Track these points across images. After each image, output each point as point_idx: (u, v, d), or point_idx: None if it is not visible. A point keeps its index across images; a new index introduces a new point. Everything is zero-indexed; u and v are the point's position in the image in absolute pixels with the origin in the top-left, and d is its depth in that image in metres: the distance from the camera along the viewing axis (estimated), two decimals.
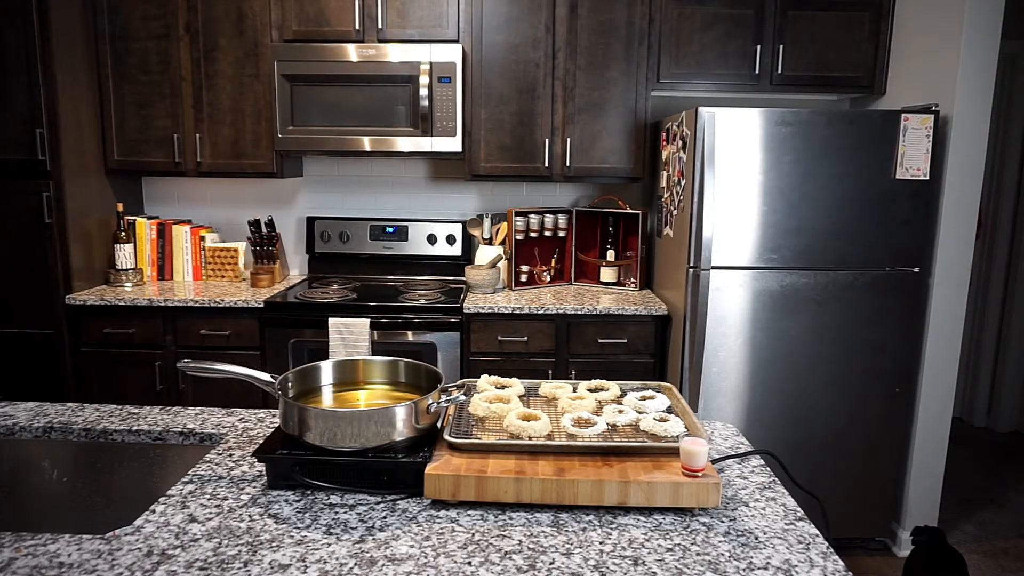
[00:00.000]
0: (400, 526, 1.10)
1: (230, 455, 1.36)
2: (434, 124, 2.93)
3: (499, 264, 3.13)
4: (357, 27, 2.98)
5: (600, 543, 1.06)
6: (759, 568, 1.01)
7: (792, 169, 2.60)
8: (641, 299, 3.03)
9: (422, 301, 2.89)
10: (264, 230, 3.24)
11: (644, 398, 1.40)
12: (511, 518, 1.13)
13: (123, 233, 3.10)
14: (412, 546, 1.04)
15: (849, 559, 2.76)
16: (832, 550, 1.06)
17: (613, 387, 1.45)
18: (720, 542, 1.07)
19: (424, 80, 2.88)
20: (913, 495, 2.86)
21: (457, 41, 2.99)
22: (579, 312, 2.86)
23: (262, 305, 2.87)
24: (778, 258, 2.66)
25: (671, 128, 2.90)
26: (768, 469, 1.35)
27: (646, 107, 3.06)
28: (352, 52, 2.92)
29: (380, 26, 2.98)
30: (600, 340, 2.88)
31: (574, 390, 1.46)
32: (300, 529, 1.09)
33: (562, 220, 3.26)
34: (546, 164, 3.09)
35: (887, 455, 2.80)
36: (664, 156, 3.01)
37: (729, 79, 3.04)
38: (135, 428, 1.49)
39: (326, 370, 1.42)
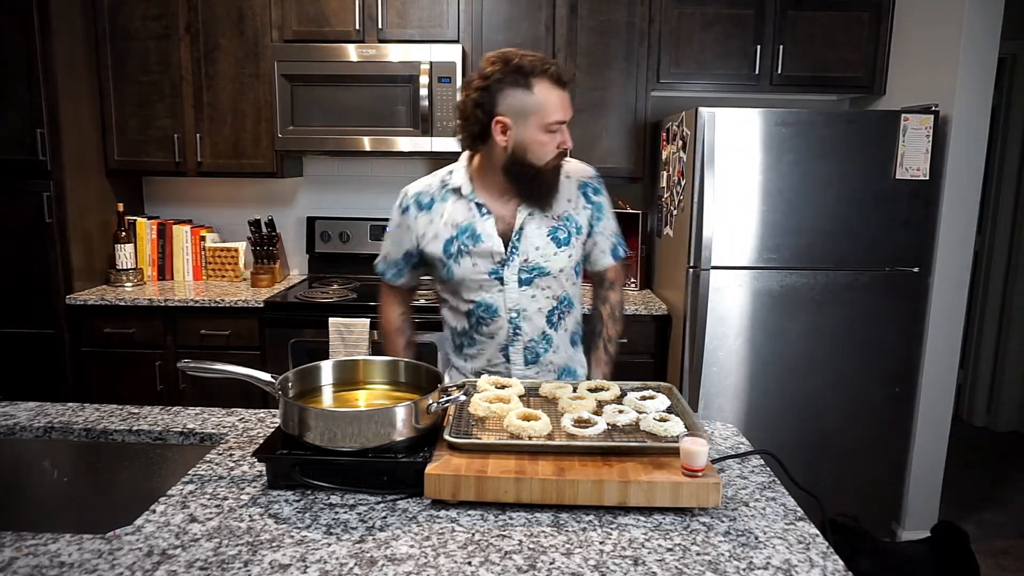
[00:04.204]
0: (400, 526, 1.10)
1: (230, 455, 1.36)
2: (434, 124, 2.93)
3: None
4: (357, 27, 2.98)
5: (600, 543, 1.06)
6: (759, 568, 1.01)
7: (792, 169, 2.60)
8: (641, 299, 3.03)
9: (422, 301, 2.89)
10: (264, 230, 3.24)
11: (644, 398, 1.40)
12: (511, 518, 1.13)
13: (123, 233, 3.10)
14: (412, 546, 1.05)
15: None
16: (832, 550, 1.06)
17: (613, 387, 1.45)
18: (720, 542, 1.07)
19: (424, 80, 2.88)
20: (913, 495, 2.86)
21: (457, 41, 2.99)
22: None
23: (262, 305, 2.87)
24: (778, 258, 2.66)
25: (671, 128, 2.90)
26: (768, 469, 1.35)
27: (646, 107, 3.06)
28: (352, 52, 2.92)
29: (380, 26, 2.98)
30: None
31: (574, 390, 1.45)
32: (300, 529, 1.09)
33: None
34: None
35: (887, 455, 2.81)
36: (664, 156, 3.01)
37: (729, 79, 3.04)
38: (135, 428, 1.49)
39: (326, 370, 1.42)
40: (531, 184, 1.56)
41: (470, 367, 1.73)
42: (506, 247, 1.60)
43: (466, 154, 1.65)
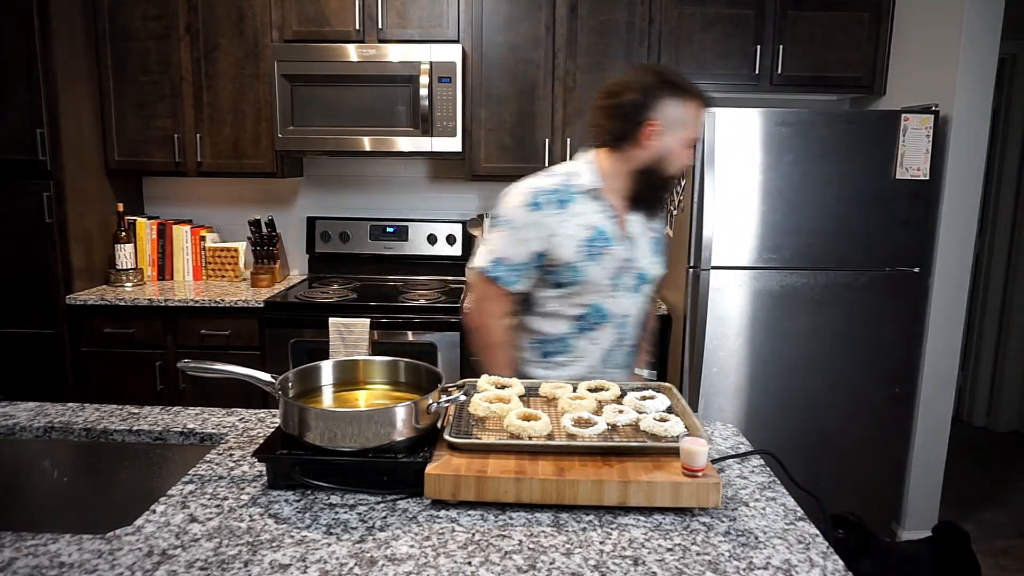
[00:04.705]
0: (400, 526, 1.10)
1: (230, 455, 1.36)
2: (434, 124, 2.93)
3: None
4: (357, 27, 2.98)
5: (600, 543, 1.06)
6: (759, 568, 1.01)
7: (792, 169, 2.60)
8: None
9: (422, 301, 2.89)
10: (264, 230, 3.24)
11: (644, 398, 1.40)
12: (511, 518, 1.13)
13: (123, 233, 3.10)
14: (412, 546, 1.05)
15: None
16: (832, 550, 1.06)
17: (613, 387, 1.45)
18: (720, 542, 1.07)
19: (424, 80, 2.88)
20: (913, 495, 2.86)
21: (457, 41, 2.99)
22: None
23: (262, 305, 2.87)
24: (778, 258, 2.66)
25: None
26: (768, 469, 1.35)
27: None
28: (352, 52, 2.92)
29: (380, 26, 2.98)
30: None
31: (574, 390, 1.46)
32: (300, 529, 1.09)
33: None
34: (546, 164, 3.08)
35: (887, 455, 2.81)
36: None
37: (729, 79, 3.04)
38: (135, 428, 1.49)
39: (326, 370, 1.42)
40: (657, 192, 1.63)
41: (559, 375, 1.66)
42: None
43: (590, 155, 1.65)
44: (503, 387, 1.45)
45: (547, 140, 3.07)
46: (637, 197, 1.63)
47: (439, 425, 1.29)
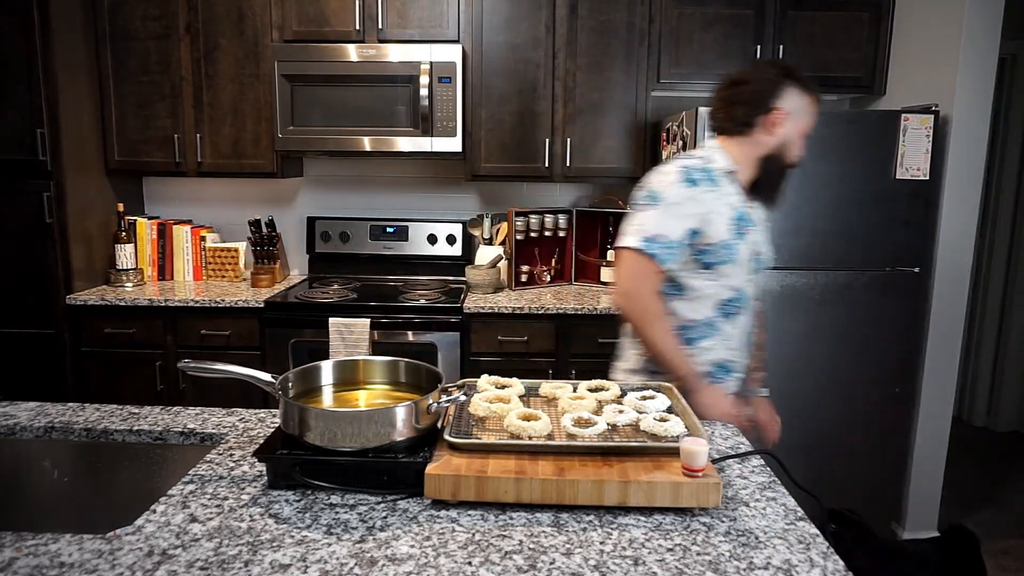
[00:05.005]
0: (400, 526, 1.10)
1: (231, 455, 1.36)
2: (434, 124, 2.93)
3: (499, 264, 3.13)
4: (357, 27, 2.98)
5: (600, 543, 1.06)
6: (759, 568, 1.01)
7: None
8: None
9: (422, 301, 2.89)
10: (264, 230, 3.24)
11: (644, 398, 1.40)
12: (511, 518, 1.13)
13: (124, 233, 3.10)
14: (412, 546, 1.05)
15: None
16: (832, 550, 1.06)
17: (613, 387, 1.45)
18: (720, 542, 1.07)
19: (424, 80, 2.88)
20: (913, 495, 2.86)
21: (457, 41, 2.99)
22: (579, 312, 2.86)
23: (262, 305, 2.87)
24: (778, 258, 2.65)
25: (671, 128, 2.90)
26: (768, 469, 1.35)
27: (646, 107, 3.06)
28: (352, 52, 2.92)
29: (380, 26, 2.98)
30: (600, 340, 2.88)
31: (574, 390, 1.45)
32: (300, 529, 1.09)
33: (562, 220, 3.26)
34: (546, 164, 3.09)
35: (887, 455, 2.80)
36: (664, 156, 3.01)
37: None
38: (136, 428, 1.49)
39: (326, 370, 1.42)
40: (778, 180, 1.67)
41: (704, 360, 1.66)
42: None
43: (715, 142, 1.68)
44: (503, 387, 1.45)
45: (547, 140, 3.07)
46: (760, 184, 1.67)
47: (439, 425, 1.29)
